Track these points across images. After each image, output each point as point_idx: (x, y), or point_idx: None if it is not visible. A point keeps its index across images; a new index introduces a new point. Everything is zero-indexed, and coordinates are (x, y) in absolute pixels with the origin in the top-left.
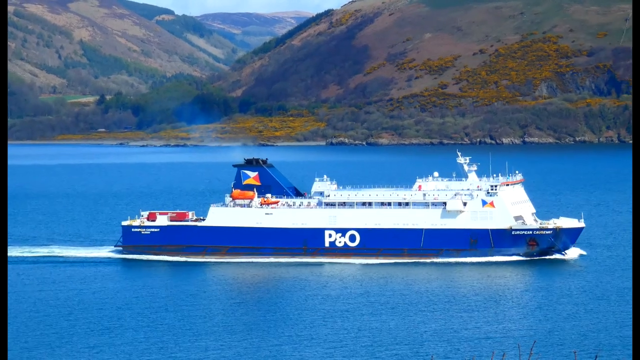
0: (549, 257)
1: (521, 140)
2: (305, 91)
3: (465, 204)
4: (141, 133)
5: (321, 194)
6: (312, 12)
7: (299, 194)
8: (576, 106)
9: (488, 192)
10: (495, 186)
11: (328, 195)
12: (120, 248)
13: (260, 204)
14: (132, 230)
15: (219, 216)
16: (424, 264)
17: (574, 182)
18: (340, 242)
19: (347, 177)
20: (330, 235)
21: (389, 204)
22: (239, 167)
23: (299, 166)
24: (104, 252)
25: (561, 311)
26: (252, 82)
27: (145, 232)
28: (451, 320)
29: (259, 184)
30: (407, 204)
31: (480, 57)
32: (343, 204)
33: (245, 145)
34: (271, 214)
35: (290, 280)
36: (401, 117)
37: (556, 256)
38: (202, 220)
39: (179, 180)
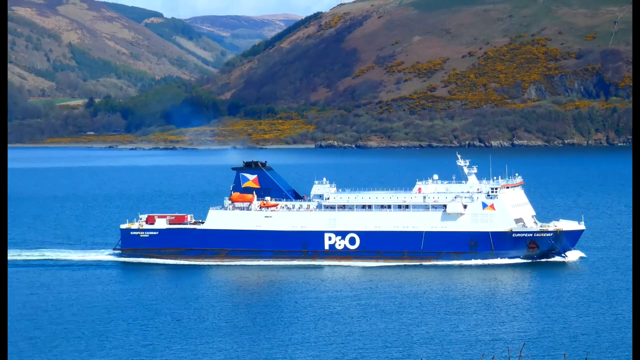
0: (550, 259)
1: (510, 143)
2: (294, 94)
3: (465, 206)
4: (130, 136)
5: (320, 196)
6: (301, 15)
7: (298, 196)
8: (565, 109)
9: (488, 195)
10: (496, 189)
11: (327, 198)
12: (119, 251)
13: (260, 207)
14: (131, 233)
15: (218, 219)
16: (424, 266)
17: (566, 184)
18: (340, 244)
19: (335, 179)
20: (329, 238)
21: (389, 206)
22: (238, 169)
23: (290, 168)
24: (103, 256)
25: (551, 313)
26: (241, 85)
27: (144, 236)
28: (443, 323)
29: (258, 186)
30: (407, 206)
31: (469, 59)
32: (343, 207)
33: (235, 148)
34: (270, 216)
35: (288, 283)
36: (390, 120)
37: (556, 259)
38: (201, 223)
39: (174, 183)
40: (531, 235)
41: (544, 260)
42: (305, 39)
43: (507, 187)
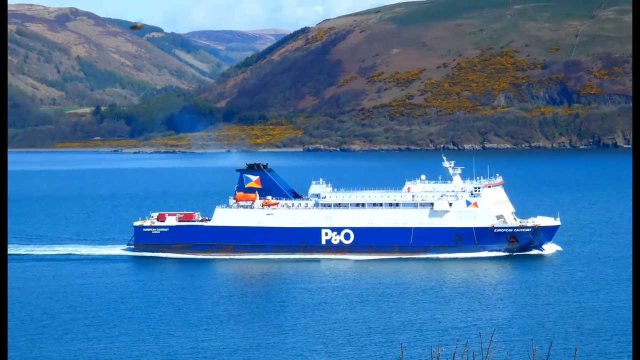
0: (528, 252)
1: (481, 146)
2: (284, 102)
3: (451, 204)
4: (134, 141)
5: (318, 195)
6: (290, 30)
7: (297, 196)
8: (531, 115)
9: (472, 194)
10: (479, 188)
11: (324, 197)
12: (132, 246)
13: (262, 205)
14: (144, 230)
15: (224, 217)
16: (412, 259)
17: (534, 184)
18: (335, 240)
19: (324, 179)
20: (326, 234)
21: (381, 204)
22: (242, 171)
23: (281, 170)
24: (118, 251)
25: (521, 302)
26: (235, 94)
27: (156, 232)
28: (428, 311)
29: (260, 187)
30: (397, 204)
31: (444, 70)
32: (338, 205)
33: (229, 151)
34: (272, 214)
35: (287, 275)
36: (372, 125)
37: (534, 252)
38: (208, 220)
39: (176, 184)
40: (511, 230)
41: (523, 253)
42: (294, 51)
43: (489, 187)
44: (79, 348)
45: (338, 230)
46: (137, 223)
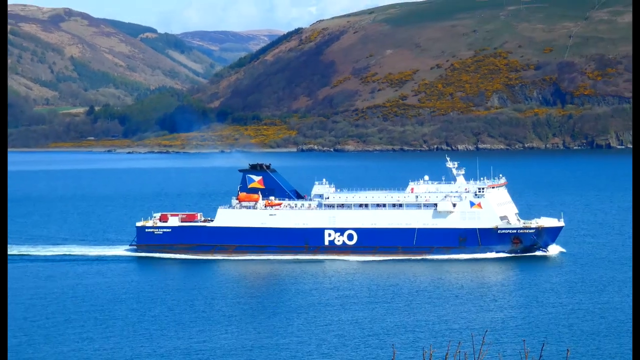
0: (532, 254)
1: (475, 146)
2: (278, 102)
3: (454, 205)
4: (127, 141)
5: (321, 196)
6: (284, 30)
7: (300, 196)
8: (525, 115)
9: (475, 194)
10: (482, 189)
11: (327, 198)
12: (135, 247)
13: (265, 206)
14: (146, 230)
15: (227, 217)
16: (416, 260)
17: (531, 184)
18: (339, 240)
19: (320, 179)
20: (329, 235)
21: (384, 205)
22: (245, 171)
23: (281, 170)
24: (120, 251)
25: (515, 303)
26: (229, 94)
27: (158, 232)
28: (422, 313)
29: (263, 187)
30: (401, 205)
31: (437, 71)
32: (341, 206)
33: (222, 152)
34: (275, 215)
35: (290, 276)
36: (365, 125)
37: (538, 253)
38: (211, 221)
39: (172, 184)
40: (515, 231)
41: (526, 254)
42: (287, 52)
43: (493, 187)
44: (78, 348)
45: (341, 231)
46: (139, 223)
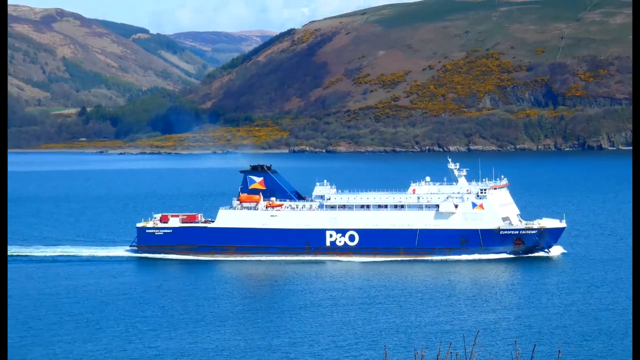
0: (534, 254)
1: (466, 148)
2: (270, 103)
3: (456, 206)
4: (119, 142)
5: (322, 197)
6: (276, 31)
7: (301, 197)
8: (517, 117)
9: (478, 195)
10: (485, 190)
11: (329, 199)
12: (135, 248)
13: (266, 207)
14: (147, 231)
15: (228, 218)
16: (417, 261)
17: (528, 186)
18: (340, 241)
19: (315, 180)
20: (331, 235)
21: (386, 206)
22: (246, 172)
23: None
24: (120, 252)
25: (507, 304)
26: (221, 95)
27: (159, 233)
28: (420, 314)
29: (264, 188)
30: (403, 206)
31: (429, 72)
32: (343, 207)
33: (215, 153)
34: (276, 215)
35: (291, 277)
36: (357, 127)
37: (540, 254)
38: (211, 222)
39: (165, 185)
40: (517, 232)
41: (528, 255)
42: (280, 53)
43: (495, 188)
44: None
45: (343, 232)
46: (139, 224)
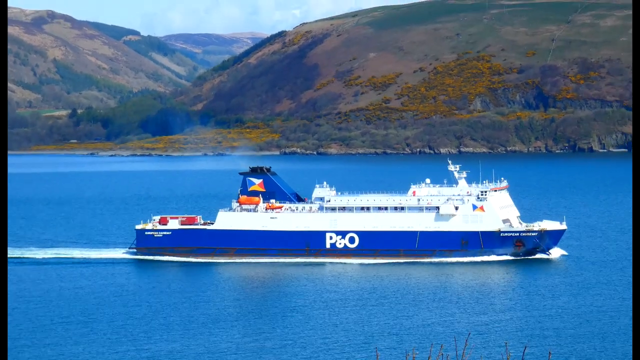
0: (534, 256)
1: (457, 150)
2: (261, 105)
3: (457, 208)
4: (110, 144)
5: (322, 199)
6: (267, 33)
7: (300, 199)
8: (507, 119)
9: (478, 197)
10: (485, 192)
11: (329, 201)
12: (134, 250)
13: (266, 209)
14: (146, 233)
15: (227, 220)
16: (417, 263)
17: (526, 187)
18: (340, 243)
19: (313, 182)
20: (331, 238)
21: (386, 208)
22: (245, 174)
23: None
24: (120, 254)
25: (499, 305)
26: (212, 97)
27: (158, 235)
28: (417, 315)
29: (264, 190)
30: (403, 208)
31: (420, 74)
32: (343, 209)
33: (206, 155)
34: (276, 218)
35: (291, 279)
36: (348, 129)
37: (540, 256)
38: (211, 224)
39: (160, 187)
40: (518, 234)
41: (529, 257)
42: (271, 55)
43: (495, 191)
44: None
45: (343, 234)
46: (139, 226)
